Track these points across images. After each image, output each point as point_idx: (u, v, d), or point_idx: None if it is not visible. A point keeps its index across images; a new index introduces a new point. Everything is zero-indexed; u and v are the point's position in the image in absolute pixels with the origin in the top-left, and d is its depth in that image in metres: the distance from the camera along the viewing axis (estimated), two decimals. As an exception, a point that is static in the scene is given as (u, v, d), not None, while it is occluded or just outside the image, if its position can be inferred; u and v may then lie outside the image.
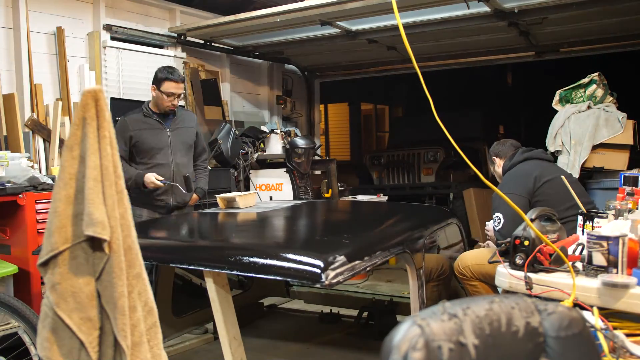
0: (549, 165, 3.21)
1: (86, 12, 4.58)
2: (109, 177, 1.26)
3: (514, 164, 3.19)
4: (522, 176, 3.04)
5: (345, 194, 6.18)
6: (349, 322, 4.01)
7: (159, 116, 3.65)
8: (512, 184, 3.03)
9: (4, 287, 2.91)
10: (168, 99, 3.58)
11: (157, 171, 3.56)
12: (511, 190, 2.95)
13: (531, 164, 3.14)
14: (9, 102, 3.92)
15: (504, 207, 2.87)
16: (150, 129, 3.61)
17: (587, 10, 4.39)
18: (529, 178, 3.00)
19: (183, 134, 3.73)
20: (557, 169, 3.30)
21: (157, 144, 3.60)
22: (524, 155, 3.20)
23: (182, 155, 3.70)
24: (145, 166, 3.58)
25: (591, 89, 4.43)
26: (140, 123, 3.60)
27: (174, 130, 3.68)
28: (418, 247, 2.50)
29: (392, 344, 0.98)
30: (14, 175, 3.17)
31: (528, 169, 3.08)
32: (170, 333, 3.43)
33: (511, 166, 3.21)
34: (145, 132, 3.59)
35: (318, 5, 4.40)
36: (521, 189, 2.97)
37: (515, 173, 3.13)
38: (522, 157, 3.19)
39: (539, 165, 3.12)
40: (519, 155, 3.23)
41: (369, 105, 11.92)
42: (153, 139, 3.60)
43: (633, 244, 1.77)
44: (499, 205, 2.97)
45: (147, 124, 3.62)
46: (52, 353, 1.23)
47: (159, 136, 3.62)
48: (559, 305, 1.13)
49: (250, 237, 2.81)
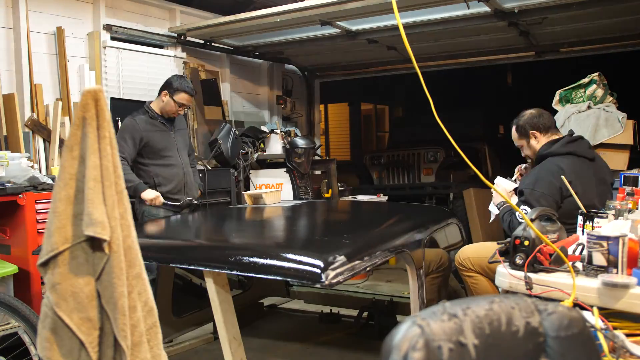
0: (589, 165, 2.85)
1: (86, 12, 4.58)
2: (109, 177, 1.26)
3: (553, 154, 2.82)
4: (557, 179, 2.64)
5: (345, 194, 6.18)
6: (349, 322, 4.01)
7: (163, 118, 3.77)
8: (545, 185, 2.68)
9: (4, 287, 2.91)
10: (178, 108, 3.75)
11: (170, 171, 3.72)
12: (543, 190, 2.66)
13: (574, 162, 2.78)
14: (9, 102, 3.92)
15: (535, 205, 2.57)
16: (159, 131, 3.73)
17: (587, 10, 4.39)
18: (564, 184, 2.61)
19: (182, 135, 3.92)
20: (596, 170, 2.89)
21: (167, 145, 3.74)
22: (568, 148, 2.82)
23: (185, 155, 3.88)
24: (158, 167, 3.70)
25: (591, 89, 4.42)
26: (148, 125, 3.69)
27: (176, 132, 3.84)
28: (418, 247, 2.50)
29: (392, 344, 0.98)
30: (14, 175, 3.17)
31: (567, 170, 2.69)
32: (170, 333, 3.43)
33: (549, 154, 2.83)
34: (155, 134, 3.70)
35: (318, 5, 4.40)
36: (554, 191, 2.65)
37: (551, 170, 2.73)
38: (565, 150, 2.82)
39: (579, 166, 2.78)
40: (563, 145, 2.84)
41: (369, 105, 11.93)
42: (162, 141, 3.72)
43: (633, 244, 1.77)
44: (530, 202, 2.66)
45: (155, 125, 3.72)
46: (52, 353, 1.23)
47: (167, 138, 3.76)
48: (559, 305, 1.13)
49: (251, 237, 2.81)
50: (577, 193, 2.54)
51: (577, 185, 2.64)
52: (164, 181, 3.69)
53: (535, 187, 2.69)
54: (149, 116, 3.72)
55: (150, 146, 3.66)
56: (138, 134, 3.61)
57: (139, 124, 3.64)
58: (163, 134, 3.73)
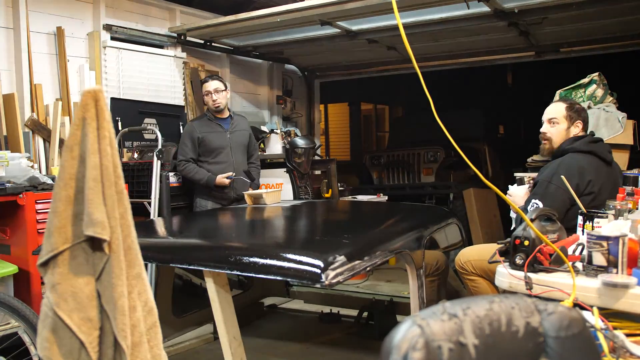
0: (607, 169, 2.81)
1: (86, 12, 4.57)
2: (109, 177, 1.26)
3: (575, 150, 2.77)
4: (577, 175, 2.63)
5: (345, 194, 6.18)
6: (349, 322, 4.02)
7: (219, 120, 4.21)
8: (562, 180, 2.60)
9: (4, 287, 2.91)
10: (208, 97, 4.18)
11: (220, 168, 4.12)
12: (559, 184, 2.59)
13: (593, 162, 2.74)
14: (9, 102, 3.92)
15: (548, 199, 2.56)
16: (214, 132, 4.17)
17: (587, 10, 4.38)
18: (583, 181, 2.62)
19: (239, 136, 4.28)
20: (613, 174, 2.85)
21: (220, 144, 4.16)
22: (591, 147, 2.78)
23: (240, 155, 4.26)
24: (210, 164, 4.13)
25: (591, 89, 4.42)
26: (205, 127, 4.17)
27: (232, 133, 4.23)
28: (418, 247, 2.50)
29: (392, 344, 0.98)
30: (14, 175, 3.17)
31: (588, 169, 2.68)
32: (170, 333, 3.43)
33: (572, 149, 2.78)
34: (210, 134, 4.15)
35: (318, 5, 4.40)
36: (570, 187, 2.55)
37: (572, 165, 2.68)
38: (587, 148, 2.77)
39: (599, 167, 2.75)
40: (585, 143, 2.78)
41: (369, 105, 11.91)
42: (216, 140, 4.15)
43: (633, 244, 1.77)
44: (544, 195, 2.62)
45: (210, 127, 4.18)
46: (52, 353, 1.23)
47: (221, 138, 4.18)
48: (559, 305, 1.13)
49: (251, 237, 2.81)
50: (593, 193, 2.55)
51: (595, 185, 2.63)
52: None
53: (553, 181, 2.64)
54: (207, 119, 4.22)
55: (205, 145, 4.12)
56: (195, 135, 4.11)
57: (195, 126, 4.17)
58: (218, 134, 4.17)
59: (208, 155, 4.14)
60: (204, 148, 4.13)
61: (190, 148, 4.11)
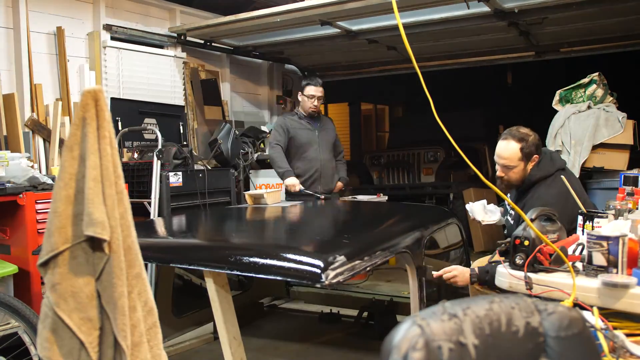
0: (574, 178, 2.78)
1: (86, 12, 4.58)
2: (109, 177, 1.26)
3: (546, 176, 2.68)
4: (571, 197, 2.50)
5: (345, 194, 6.17)
6: (349, 322, 4.01)
7: (309, 119, 4.44)
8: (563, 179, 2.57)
9: (4, 287, 2.91)
10: (310, 100, 4.37)
11: (307, 164, 4.37)
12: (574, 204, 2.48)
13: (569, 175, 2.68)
14: (9, 102, 3.92)
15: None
16: (304, 129, 4.42)
17: (587, 10, 4.39)
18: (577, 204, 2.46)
19: (327, 134, 4.52)
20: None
21: (309, 141, 4.40)
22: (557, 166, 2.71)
23: (327, 152, 4.48)
24: (298, 161, 4.38)
25: (591, 89, 4.43)
26: (296, 123, 4.42)
27: (321, 131, 4.47)
28: (418, 247, 2.49)
29: (392, 344, 0.98)
30: (14, 175, 3.17)
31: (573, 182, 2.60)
32: (170, 333, 3.43)
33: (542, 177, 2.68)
34: (300, 131, 4.40)
35: (318, 5, 4.40)
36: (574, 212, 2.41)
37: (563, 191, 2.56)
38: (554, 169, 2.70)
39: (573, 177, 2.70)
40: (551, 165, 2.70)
41: (369, 105, 11.91)
42: (306, 137, 4.40)
43: (633, 244, 1.77)
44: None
45: (301, 124, 4.43)
46: (52, 353, 1.23)
47: (310, 135, 4.42)
48: (559, 305, 1.13)
49: (251, 237, 2.81)
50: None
51: (580, 195, 2.58)
52: (302, 173, 4.35)
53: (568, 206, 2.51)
54: (297, 117, 4.44)
55: (295, 141, 4.36)
56: (287, 127, 4.36)
57: (287, 121, 4.42)
58: (308, 131, 4.41)
59: (296, 152, 4.38)
60: (293, 143, 4.36)
61: (281, 134, 4.34)
